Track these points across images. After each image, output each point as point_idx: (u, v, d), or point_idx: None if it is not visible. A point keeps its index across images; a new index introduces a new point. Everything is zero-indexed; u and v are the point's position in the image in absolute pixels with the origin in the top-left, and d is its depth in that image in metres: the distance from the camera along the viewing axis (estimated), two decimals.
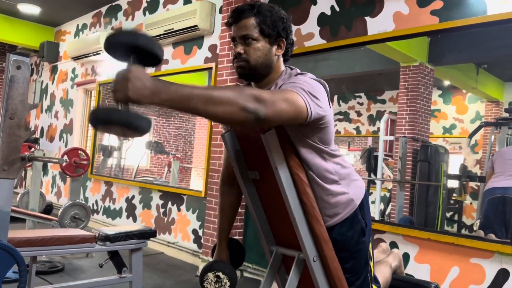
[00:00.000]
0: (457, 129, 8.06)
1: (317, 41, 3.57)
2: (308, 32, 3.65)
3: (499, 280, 2.50)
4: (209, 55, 4.54)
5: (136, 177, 8.20)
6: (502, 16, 2.60)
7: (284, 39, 1.58)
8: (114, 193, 5.62)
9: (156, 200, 4.94)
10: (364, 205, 1.74)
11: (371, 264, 1.79)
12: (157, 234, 4.74)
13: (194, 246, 4.41)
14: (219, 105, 1.20)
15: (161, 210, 4.85)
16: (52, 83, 7.42)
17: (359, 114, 9.24)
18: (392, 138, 6.04)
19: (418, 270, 2.85)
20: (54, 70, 7.40)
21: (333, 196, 1.64)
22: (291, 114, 1.36)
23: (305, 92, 1.39)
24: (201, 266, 3.93)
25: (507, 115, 7.49)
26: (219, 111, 1.21)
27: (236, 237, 3.90)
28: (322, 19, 3.58)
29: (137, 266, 3.38)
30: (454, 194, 7.41)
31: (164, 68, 5.08)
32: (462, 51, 5.41)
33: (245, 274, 3.89)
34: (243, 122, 1.27)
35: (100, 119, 1.15)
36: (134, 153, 8.27)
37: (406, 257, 2.92)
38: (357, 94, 9.24)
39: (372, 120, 9.06)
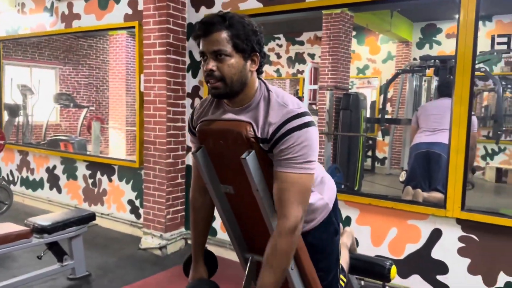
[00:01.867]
0: (370, 69, 8.45)
1: (253, 4, 3.40)
2: None
3: (433, 238, 2.79)
4: (130, 11, 4.14)
5: (47, 136, 7.59)
6: None
7: (258, 54, 1.46)
8: (32, 162, 5.18)
9: (82, 170, 4.64)
10: (336, 206, 1.79)
11: (340, 258, 1.89)
12: (88, 206, 4.55)
13: (132, 217, 4.29)
14: (289, 261, 1.50)
15: (90, 181, 4.59)
16: None
17: (278, 56, 9.24)
18: (316, 87, 6.17)
19: (359, 231, 3.06)
20: None
21: (310, 204, 1.65)
22: (308, 199, 1.49)
23: (310, 163, 1.41)
24: (144, 238, 3.86)
25: (416, 55, 7.99)
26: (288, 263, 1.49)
27: (178, 207, 3.86)
28: None
29: (78, 252, 3.24)
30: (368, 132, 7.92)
31: (76, 24, 4.55)
32: None
33: (190, 242, 3.90)
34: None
35: None
36: (42, 108, 7.57)
37: (347, 220, 3.12)
38: (276, 36, 9.17)
39: (292, 62, 9.13)
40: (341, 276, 1.92)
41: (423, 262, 2.83)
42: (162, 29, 3.61)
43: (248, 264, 1.78)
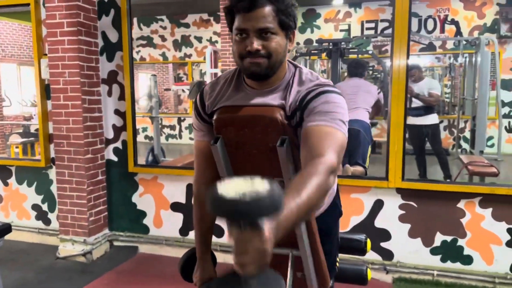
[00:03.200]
0: None
1: None
2: None
3: (375, 209, 2.99)
4: None
5: None
6: None
7: (294, 31, 1.35)
8: None
9: None
10: (338, 189, 1.79)
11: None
12: None
13: (39, 224, 3.75)
14: (318, 202, 1.09)
15: None
16: None
17: (163, 39, 8.87)
18: (217, 70, 6.08)
19: None
20: None
21: None
22: (341, 159, 1.25)
23: (344, 124, 1.26)
24: (62, 245, 3.40)
25: (299, 40, 8.37)
26: (320, 203, 1.11)
27: (101, 207, 3.49)
28: None
29: None
30: None
31: None
32: None
33: (116, 243, 3.57)
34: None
35: None
36: None
37: None
38: (158, 17, 8.76)
39: (178, 45, 8.83)
40: (338, 259, 1.95)
41: (367, 232, 2.98)
42: (71, 6, 3.15)
43: None
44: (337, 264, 1.95)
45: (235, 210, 0.82)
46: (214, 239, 3.25)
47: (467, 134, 6.98)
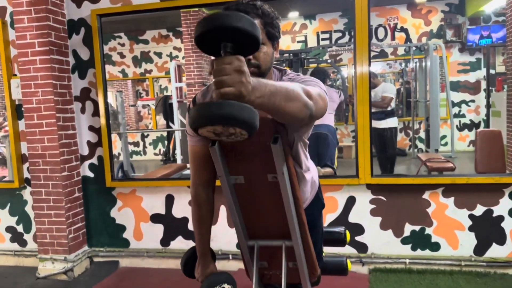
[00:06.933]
0: None
1: None
2: None
3: (348, 205, 3.18)
4: None
5: None
6: None
7: (279, 40, 1.51)
8: None
9: None
10: (319, 183, 1.95)
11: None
12: None
13: (15, 246, 3.69)
14: (293, 101, 1.10)
15: None
16: None
17: (122, 55, 8.85)
18: (182, 85, 6.17)
19: None
20: None
21: (307, 182, 1.79)
22: (324, 110, 1.31)
23: (323, 90, 1.36)
24: (42, 264, 3.37)
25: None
26: (293, 107, 1.10)
27: (79, 224, 3.50)
28: None
29: None
30: None
31: None
32: None
33: (97, 259, 3.57)
34: (304, 119, 1.19)
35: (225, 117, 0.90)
36: None
37: None
38: (116, 34, 8.76)
39: (138, 61, 8.84)
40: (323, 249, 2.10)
41: None
42: (41, 26, 3.19)
43: (256, 251, 1.81)
44: (323, 254, 2.11)
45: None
46: (228, 248, 3.32)
47: (422, 134, 7.40)
